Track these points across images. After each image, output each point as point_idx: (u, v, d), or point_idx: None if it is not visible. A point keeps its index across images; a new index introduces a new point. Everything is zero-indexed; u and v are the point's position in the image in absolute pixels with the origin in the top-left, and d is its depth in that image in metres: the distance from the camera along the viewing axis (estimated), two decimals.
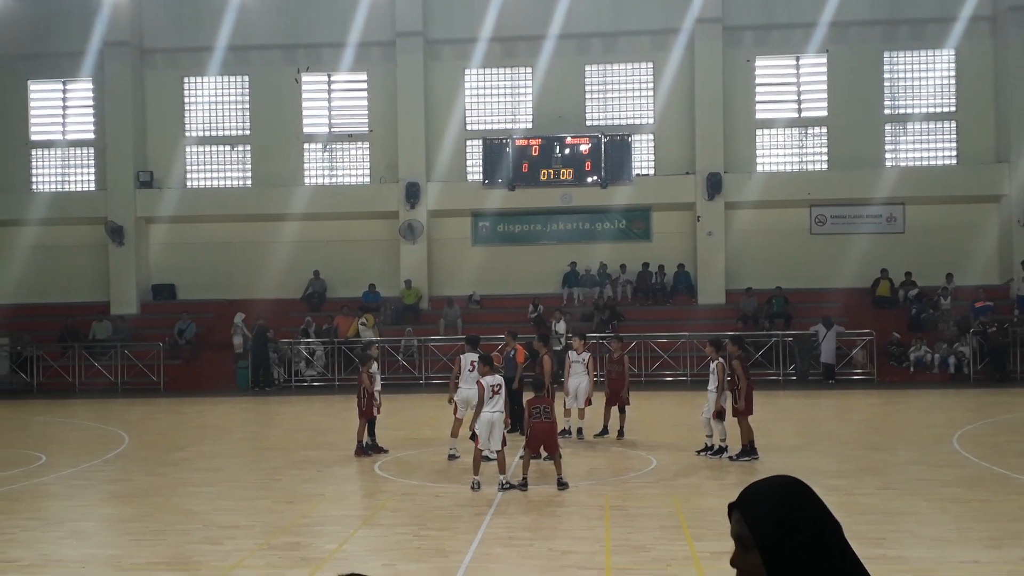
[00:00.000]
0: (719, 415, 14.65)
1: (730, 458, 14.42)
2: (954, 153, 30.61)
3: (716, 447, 14.82)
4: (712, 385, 14.87)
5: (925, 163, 30.59)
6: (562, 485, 12.70)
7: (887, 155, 30.71)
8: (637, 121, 31.33)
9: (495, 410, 12.83)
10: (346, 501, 12.70)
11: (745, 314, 29.13)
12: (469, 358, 14.69)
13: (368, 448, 15.51)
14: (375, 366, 16.24)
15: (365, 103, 32.07)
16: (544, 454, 13.52)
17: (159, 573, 9.63)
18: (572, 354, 16.78)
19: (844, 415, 20.83)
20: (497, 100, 31.85)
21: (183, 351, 29.40)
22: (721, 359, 14.95)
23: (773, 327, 28.22)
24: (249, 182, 32.26)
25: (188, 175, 32.41)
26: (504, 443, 12.88)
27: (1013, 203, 29.36)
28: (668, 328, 28.38)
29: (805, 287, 29.83)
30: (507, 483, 12.77)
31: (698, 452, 15.07)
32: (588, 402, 16.75)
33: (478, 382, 13.00)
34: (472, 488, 12.67)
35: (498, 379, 13.02)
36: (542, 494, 12.79)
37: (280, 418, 22.10)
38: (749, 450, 14.51)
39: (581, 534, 10.61)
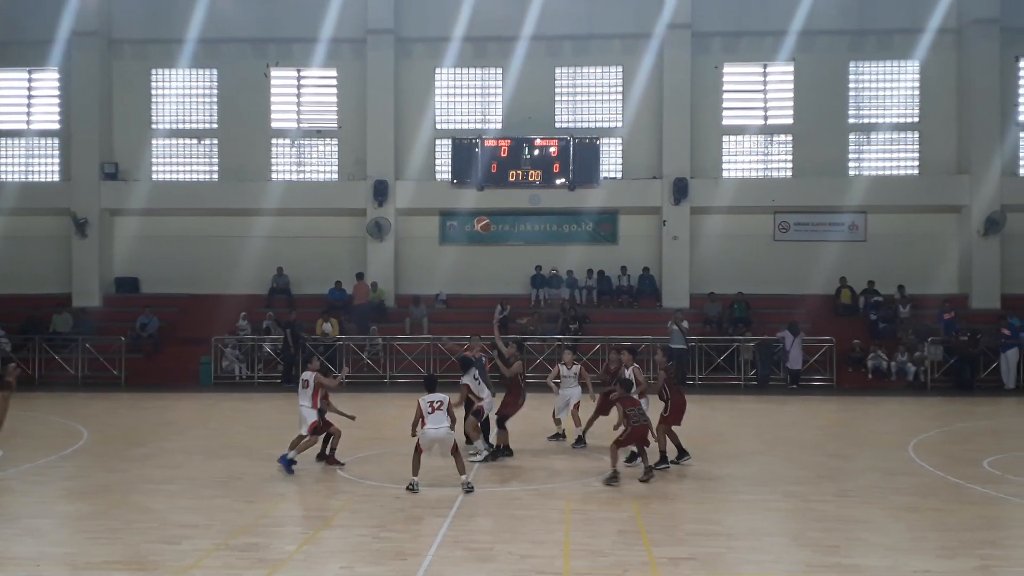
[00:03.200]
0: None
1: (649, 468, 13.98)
2: (917, 163, 31.04)
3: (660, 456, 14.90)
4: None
5: (888, 173, 31.00)
6: (648, 473, 13.63)
7: (851, 164, 31.09)
8: (606, 124, 31.48)
9: (439, 426, 12.92)
10: (306, 501, 12.68)
11: (708, 318, 29.40)
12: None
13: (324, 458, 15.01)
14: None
15: (335, 99, 31.95)
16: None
17: (114, 572, 9.57)
18: (563, 368, 17.06)
19: (803, 421, 21.05)
20: (467, 100, 31.86)
21: (145, 345, 29.14)
22: (636, 365, 15.66)
23: (735, 332, 28.49)
24: (216, 176, 32.04)
25: (154, 168, 32.12)
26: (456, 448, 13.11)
27: (973, 214, 29.83)
28: (632, 331, 28.52)
29: (768, 293, 30.13)
30: (469, 485, 12.85)
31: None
32: (576, 408, 17.07)
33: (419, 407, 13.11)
34: (410, 489, 12.91)
35: (438, 396, 13.08)
36: (503, 497, 12.84)
37: (241, 415, 21.97)
38: (663, 459, 14.71)
39: (541, 538, 10.67)
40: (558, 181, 30.44)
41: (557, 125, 31.33)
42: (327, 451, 14.79)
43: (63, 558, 10.12)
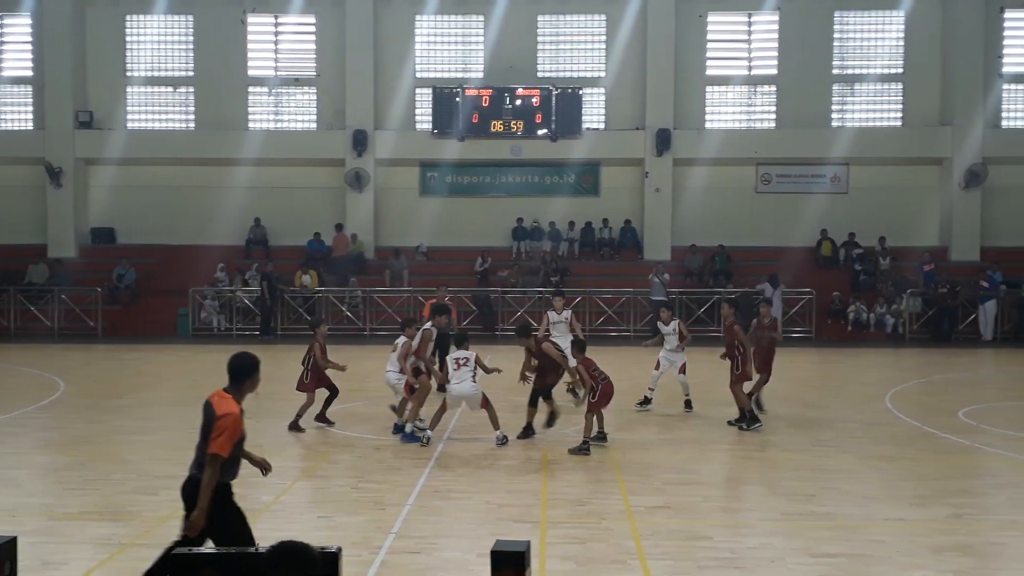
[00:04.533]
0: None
1: (741, 427, 14.06)
2: (900, 115, 30.93)
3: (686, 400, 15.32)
4: (672, 345, 15.45)
5: (871, 124, 30.90)
6: (602, 436, 12.87)
7: (834, 115, 30.95)
8: (589, 74, 31.15)
9: (463, 382, 12.89)
10: (285, 452, 12.65)
11: (690, 270, 29.41)
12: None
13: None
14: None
15: (313, 47, 31.44)
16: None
17: (91, 523, 9.54)
18: (552, 314, 15.92)
19: (782, 372, 21.03)
20: (448, 48, 31.43)
21: (122, 296, 28.91)
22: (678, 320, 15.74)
23: (716, 284, 28.54)
24: (192, 125, 31.58)
25: (129, 116, 31.61)
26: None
27: (955, 166, 29.83)
28: (613, 283, 28.54)
29: (750, 245, 30.12)
30: (504, 437, 12.91)
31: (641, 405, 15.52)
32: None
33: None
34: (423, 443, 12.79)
35: (464, 353, 13.05)
36: (482, 447, 12.85)
37: (221, 367, 21.82)
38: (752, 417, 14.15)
39: (519, 487, 10.70)
40: (540, 132, 30.18)
41: (539, 75, 30.98)
42: (323, 410, 14.14)
43: (40, 508, 10.07)
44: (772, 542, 8.88)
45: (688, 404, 15.31)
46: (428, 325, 13.89)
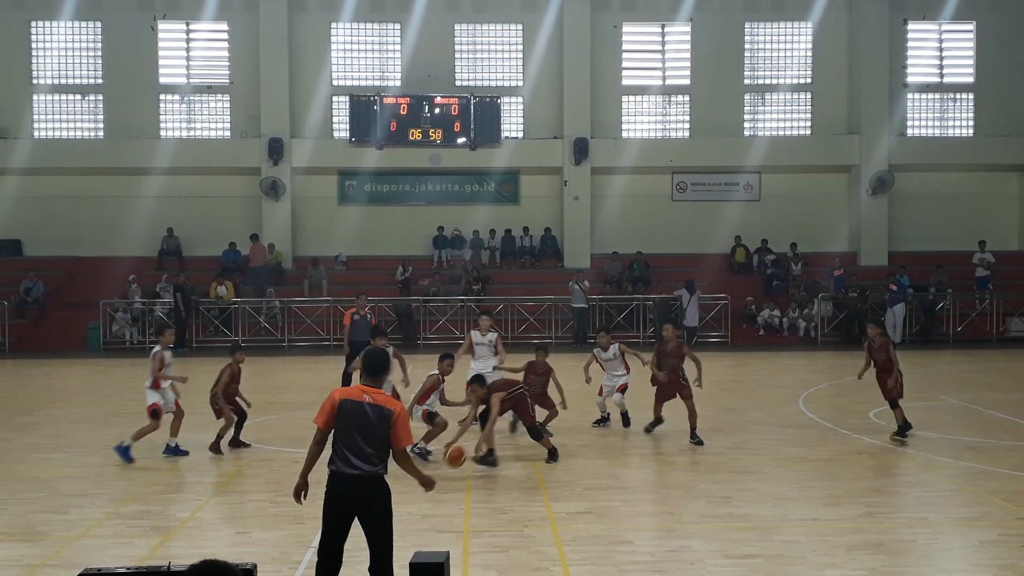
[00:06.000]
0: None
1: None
2: (809, 124, 31.75)
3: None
4: (618, 370, 14.69)
5: (782, 133, 31.64)
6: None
7: (746, 124, 31.62)
8: (507, 83, 31.29)
9: None
10: (200, 467, 12.39)
11: (609, 277, 29.72)
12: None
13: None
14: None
15: (226, 54, 30.95)
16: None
17: (1, 544, 9.20)
18: (476, 335, 15.01)
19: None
20: (365, 56, 31.24)
21: (30, 310, 28.02)
22: (619, 344, 14.93)
23: (635, 291, 28.89)
24: (102, 134, 30.80)
25: (36, 125, 30.68)
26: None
27: (863, 174, 30.71)
28: (534, 291, 28.67)
29: (667, 252, 30.57)
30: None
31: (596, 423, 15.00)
32: None
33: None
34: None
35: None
36: None
37: (132, 381, 21.33)
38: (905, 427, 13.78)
39: (441, 497, 10.64)
40: (459, 140, 30.19)
41: (457, 83, 31.01)
42: (236, 435, 13.46)
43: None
44: (691, 544, 9.00)
45: (625, 419, 14.68)
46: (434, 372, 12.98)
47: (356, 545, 7.13)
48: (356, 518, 6.93)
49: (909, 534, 9.38)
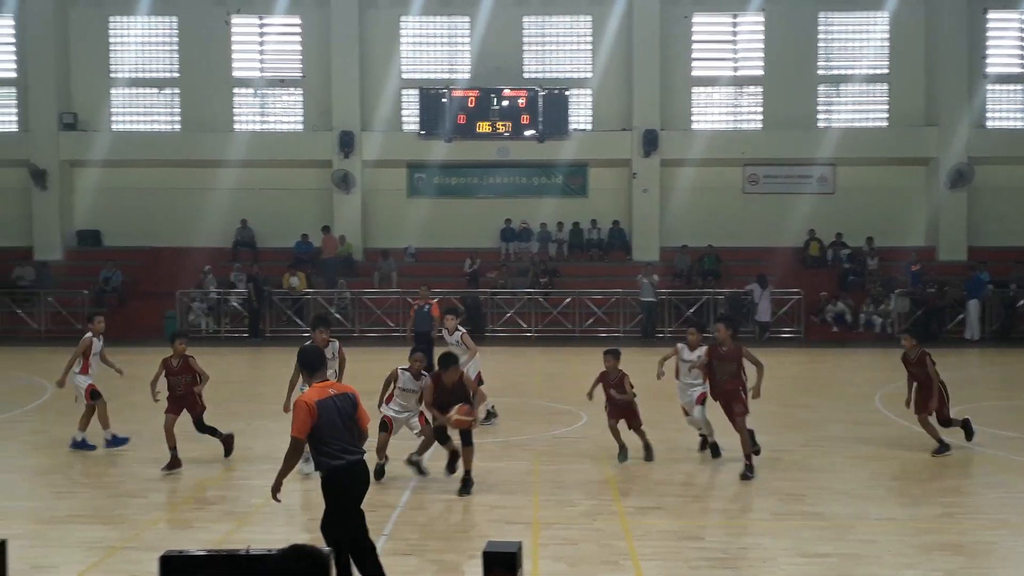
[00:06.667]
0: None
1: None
2: (886, 115, 31.04)
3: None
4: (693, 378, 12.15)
5: (857, 125, 30.99)
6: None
7: (820, 116, 31.03)
8: (575, 75, 31.14)
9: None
10: (275, 455, 12.55)
11: (678, 271, 29.46)
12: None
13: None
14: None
15: (299, 48, 31.33)
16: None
17: (80, 526, 9.48)
18: (444, 334, 14.41)
19: (771, 373, 21.03)
20: (435, 49, 31.36)
21: (109, 299, 28.74)
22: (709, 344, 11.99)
23: (705, 285, 28.59)
24: (178, 127, 31.44)
25: (114, 118, 31.43)
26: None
27: (941, 166, 29.95)
28: (602, 285, 28.55)
29: (738, 246, 30.17)
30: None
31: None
32: (479, 381, 13.92)
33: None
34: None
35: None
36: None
37: (208, 369, 21.75)
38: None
39: (510, 489, 10.68)
40: (527, 133, 30.15)
41: (526, 76, 30.96)
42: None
43: (29, 512, 10.00)
44: (763, 542, 8.89)
45: (705, 445, 12.41)
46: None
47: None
48: None
49: (989, 536, 9.14)
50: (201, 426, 12.21)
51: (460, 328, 14.35)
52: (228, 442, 12.29)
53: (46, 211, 30.63)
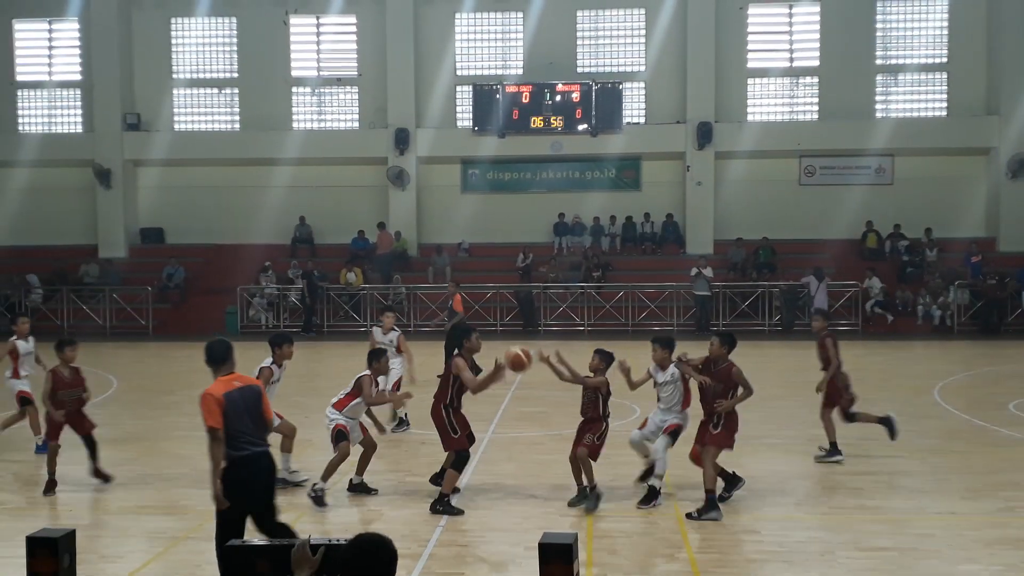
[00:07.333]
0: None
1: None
2: (945, 105, 30.48)
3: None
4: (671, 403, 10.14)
5: (915, 115, 30.49)
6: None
7: (878, 106, 30.58)
8: (628, 69, 31.07)
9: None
10: (328, 447, 12.78)
11: (733, 264, 29.26)
12: None
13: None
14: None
15: (354, 47, 31.69)
16: None
17: (146, 516, 9.76)
18: (377, 332, 13.97)
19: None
20: (488, 45, 31.51)
21: (172, 295, 29.39)
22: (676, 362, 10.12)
23: (760, 277, 28.37)
24: (237, 126, 31.99)
25: (176, 118, 32.09)
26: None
27: (1002, 156, 29.34)
28: (655, 278, 28.46)
29: (794, 238, 29.88)
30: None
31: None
32: (396, 387, 13.41)
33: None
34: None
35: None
36: (526, 442, 12.90)
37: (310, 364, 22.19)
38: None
39: (564, 481, 10.73)
40: (580, 127, 30.15)
41: (579, 70, 30.96)
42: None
43: (96, 503, 10.33)
44: (820, 536, 8.87)
45: (646, 477, 10.19)
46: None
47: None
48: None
49: None
50: (92, 446, 10.86)
51: (396, 328, 13.96)
52: (104, 478, 10.86)
53: (110, 210, 31.39)
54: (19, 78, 32.33)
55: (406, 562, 8.01)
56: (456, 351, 9.89)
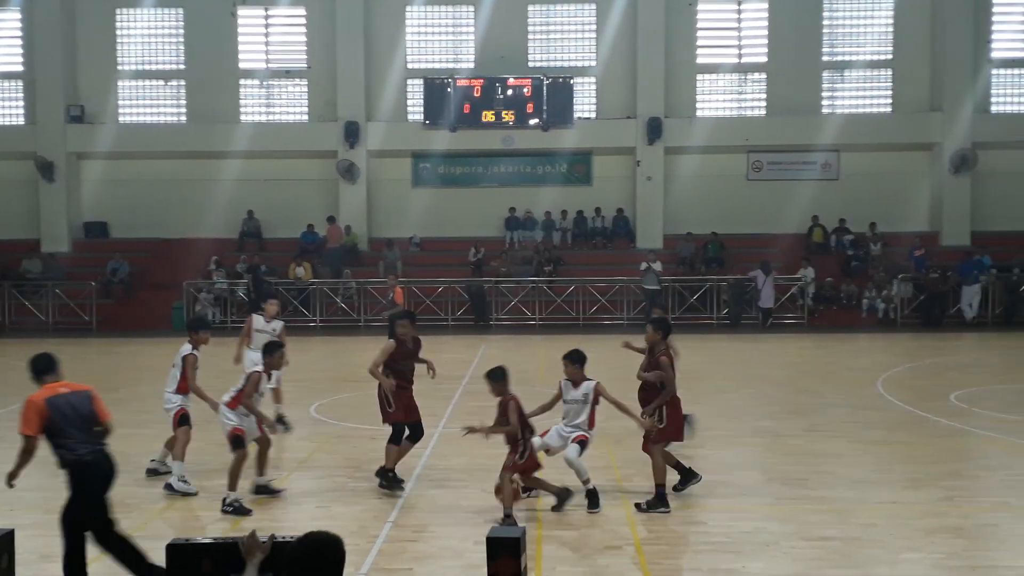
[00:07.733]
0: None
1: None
2: (890, 101, 30.99)
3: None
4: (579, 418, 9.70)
5: (861, 111, 30.96)
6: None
7: (824, 102, 31.00)
8: (579, 64, 31.16)
9: None
10: (281, 443, 12.68)
11: (682, 258, 29.51)
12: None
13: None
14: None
15: (304, 39, 31.39)
16: None
17: None
18: (259, 319, 13.29)
19: (774, 359, 21.25)
20: (439, 39, 31.39)
21: (116, 290, 28.92)
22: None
23: (708, 272, 28.64)
24: (184, 118, 31.53)
25: (121, 110, 31.55)
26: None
27: (945, 152, 29.91)
28: (606, 272, 28.62)
29: (742, 232, 30.20)
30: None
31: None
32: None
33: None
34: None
35: None
36: (477, 439, 12.88)
37: (214, 360, 21.88)
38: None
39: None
40: (531, 122, 30.18)
41: (530, 64, 30.98)
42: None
43: (36, 502, 10.11)
44: (766, 526, 8.97)
45: (592, 498, 9.46)
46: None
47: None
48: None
49: (991, 518, 9.21)
50: None
51: (280, 318, 13.49)
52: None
53: (53, 203, 30.79)
54: None
55: (354, 558, 7.96)
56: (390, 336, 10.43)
